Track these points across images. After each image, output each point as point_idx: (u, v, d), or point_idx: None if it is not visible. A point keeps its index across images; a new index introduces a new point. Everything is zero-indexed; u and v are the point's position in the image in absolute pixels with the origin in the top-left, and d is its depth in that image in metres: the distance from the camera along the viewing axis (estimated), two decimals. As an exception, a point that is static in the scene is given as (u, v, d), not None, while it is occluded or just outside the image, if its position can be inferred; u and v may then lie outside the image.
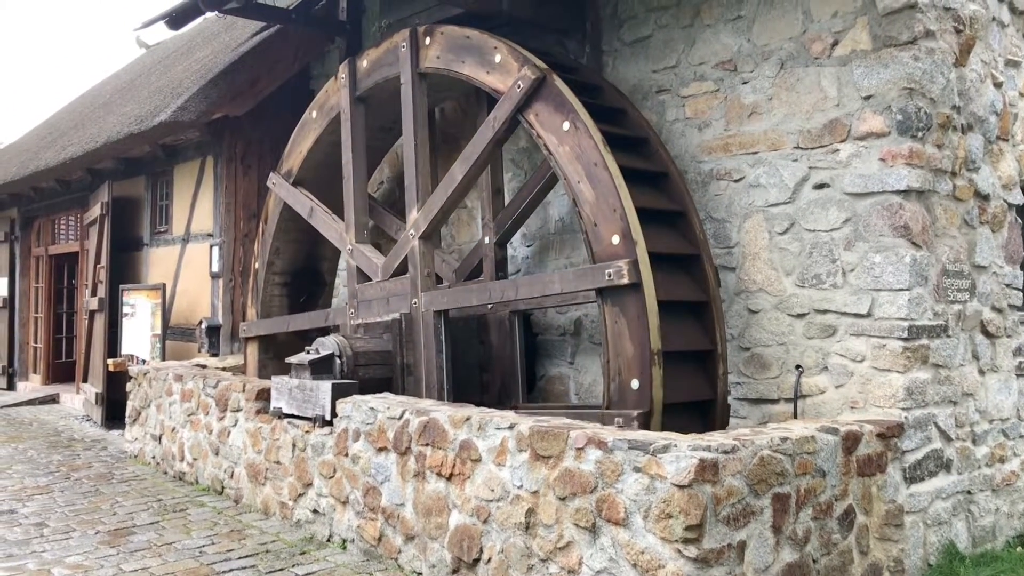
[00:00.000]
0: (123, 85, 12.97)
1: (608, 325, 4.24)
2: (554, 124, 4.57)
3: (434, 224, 5.38)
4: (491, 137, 4.99)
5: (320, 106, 6.32)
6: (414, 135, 5.40)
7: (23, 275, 12.69)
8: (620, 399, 4.15)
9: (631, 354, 4.13)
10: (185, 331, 8.77)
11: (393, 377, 5.30)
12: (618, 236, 4.23)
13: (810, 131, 4.39)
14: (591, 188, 4.37)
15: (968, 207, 4.47)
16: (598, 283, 4.27)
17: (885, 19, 4.12)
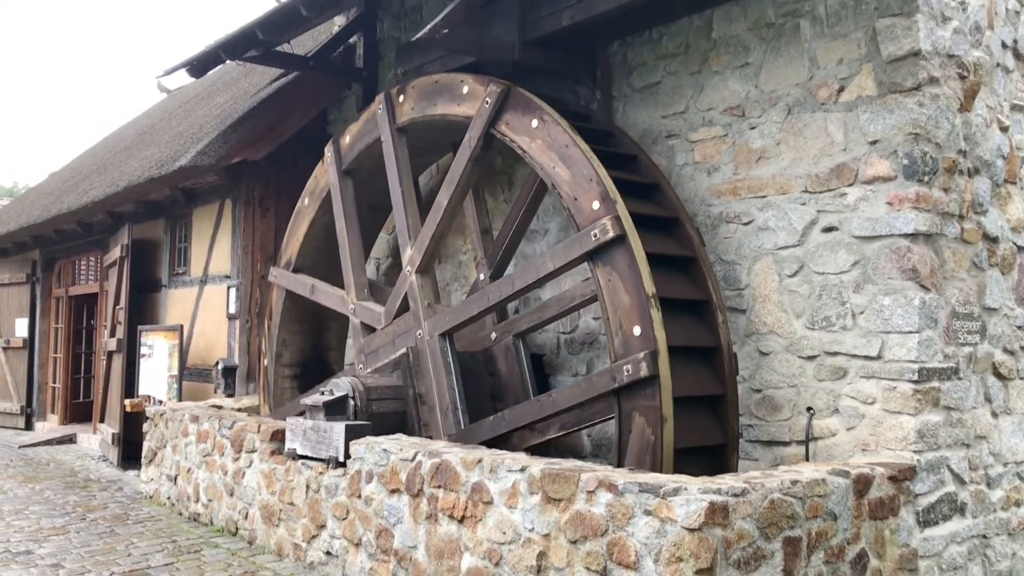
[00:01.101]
0: (144, 129, 13.23)
1: (603, 285, 4.40)
2: (524, 125, 4.90)
3: (428, 255, 5.56)
4: (469, 156, 5.24)
5: (311, 192, 6.60)
6: (399, 182, 5.71)
7: (43, 316, 12.86)
8: (625, 350, 4.23)
9: (628, 304, 4.27)
10: (202, 372, 8.85)
11: (407, 411, 5.36)
12: (598, 201, 4.45)
13: (818, 175, 4.45)
14: (566, 168, 4.65)
15: (977, 250, 4.49)
16: (586, 247, 4.45)
17: (890, 66, 4.20)
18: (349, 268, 6.08)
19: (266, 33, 6.26)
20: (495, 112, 5.04)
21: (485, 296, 5.14)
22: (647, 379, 4.10)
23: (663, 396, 4.09)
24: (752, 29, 4.77)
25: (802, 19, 4.55)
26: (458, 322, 5.28)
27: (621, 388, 4.22)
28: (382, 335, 5.71)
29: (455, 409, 5.12)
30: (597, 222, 4.40)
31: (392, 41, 7.38)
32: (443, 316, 5.35)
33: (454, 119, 5.36)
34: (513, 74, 5.37)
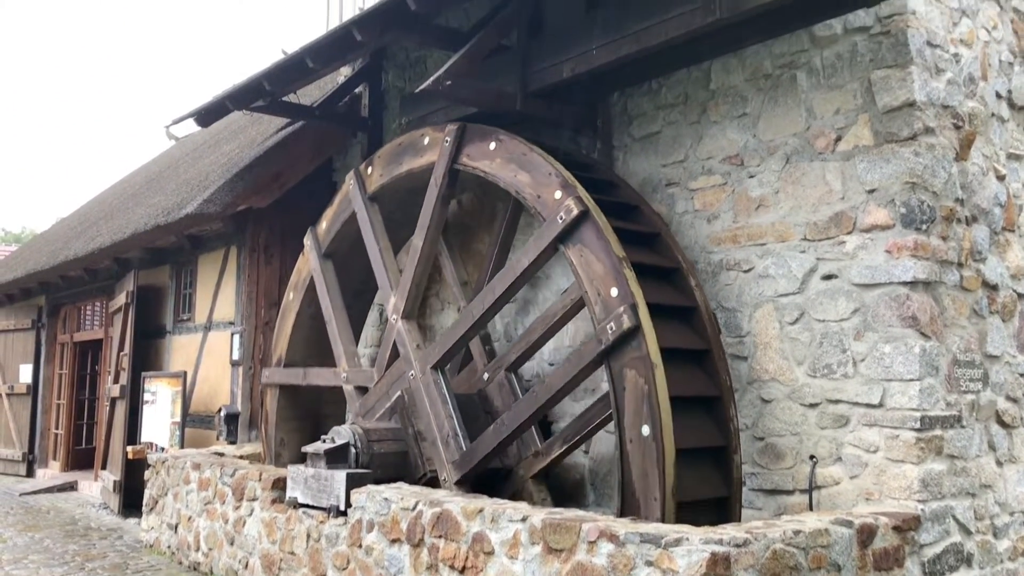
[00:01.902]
0: (152, 176, 13.39)
1: (576, 263, 4.53)
2: (483, 151, 5.18)
3: (411, 299, 5.69)
4: (437, 195, 5.49)
5: (294, 285, 6.76)
6: (376, 242, 5.99)
7: (48, 362, 12.88)
8: (606, 312, 4.31)
9: (602, 271, 4.42)
10: (204, 418, 8.83)
11: (408, 451, 5.35)
12: (559, 191, 4.64)
13: (816, 223, 4.49)
14: (526, 172, 4.87)
15: (977, 297, 4.51)
16: (554, 231, 4.61)
17: (885, 116, 4.26)
18: (338, 339, 6.19)
19: (273, 84, 6.36)
20: (455, 149, 5.33)
21: (469, 313, 5.21)
22: (631, 331, 4.20)
23: (649, 345, 4.15)
24: (749, 80, 4.85)
25: (798, 70, 4.62)
26: (446, 349, 5.34)
27: (609, 349, 4.30)
28: (376, 391, 5.74)
29: (455, 436, 5.13)
30: (561, 206, 4.57)
31: (397, 91, 7.50)
32: (431, 349, 5.43)
33: (420, 171, 5.67)
34: (515, 124, 5.45)
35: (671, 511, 4.00)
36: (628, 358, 4.22)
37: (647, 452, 4.06)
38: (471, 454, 4.96)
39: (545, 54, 5.25)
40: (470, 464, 4.94)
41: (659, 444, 4.02)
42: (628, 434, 4.15)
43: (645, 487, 4.05)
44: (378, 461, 5.20)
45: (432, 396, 5.29)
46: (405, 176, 5.81)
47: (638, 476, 4.08)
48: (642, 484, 4.07)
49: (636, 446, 4.11)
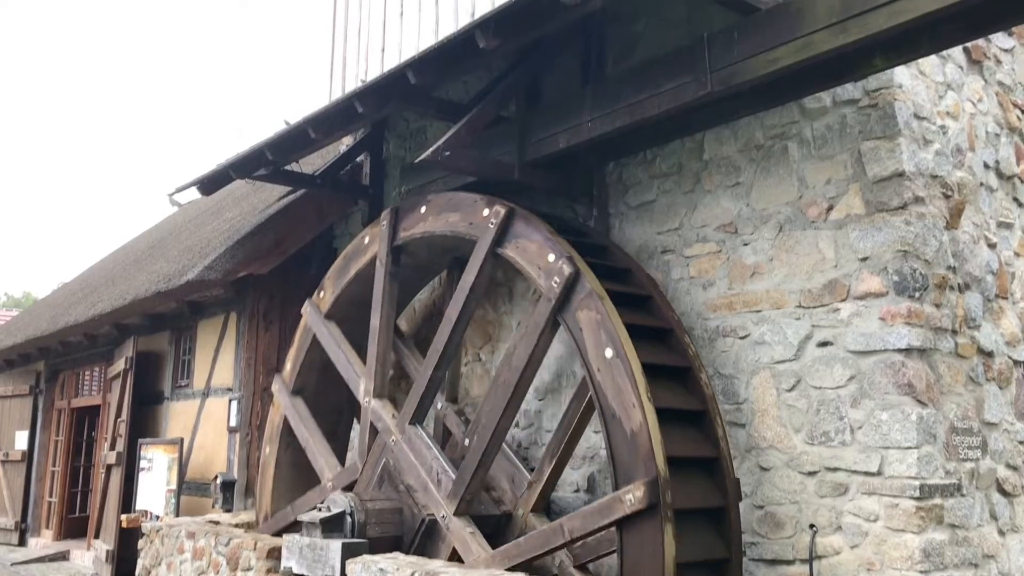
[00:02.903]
0: (154, 243, 13.51)
1: (514, 255, 4.85)
2: (416, 216, 5.73)
3: (380, 377, 5.82)
4: (384, 274, 5.87)
5: (269, 438, 6.84)
6: (340, 350, 6.22)
7: (44, 428, 12.80)
8: (547, 278, 4.67)
9: (535, 248, 4.82)
10: (200, 486, 8.74)
11: (402, 507, 5.36)
12: (486, 208, 5.13)
13: (811, 290, 4.53)
14: (456, 212, 5.39)
15: (972, 364, 4.52)
16: (488, 239, 5.00)
17: (876, 186, 4.34)
18: (318, 457, 6.18)
19: (275, 153, 6.47)
20: (392, 229, 5.88)
21: (428, 362, 5.43)
22: (572, 277, 4.50)
23: (591, 283, 4.44)
24: (742, 150, 4.95)
25: (790, 141, 4.72)
26: (419, 396, 5.44)
27: (558, 305, 4.55)
28: (364, 477, 5.71)
29: (444, 472, 5.14)
30: (488, 218, 5.02)
31: (397, 160, 7.63)
32: (405, 407, 5.54)
33: (366, 268, 6.13)
34: (513, 193, 5.54)
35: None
36: (576, 302, 4.50)
37: (616, 371, 4.26)
38: (461, 476, 4.99)
39: (542, 125, 5.36)
40: (463, 485, 4.96)
41: (625, 363, 4.24)
42: (594, 364, 4.40)
43: (621, 403, 4.26)
44: (374, 518, 5.20)
45: (416, 447, 5.38)
46: (355, 279, 6.23)
47: (613, 395, 4.31)
48: (617, 400, 4.28)
49: (605, 373, 4.34)
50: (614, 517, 4.16)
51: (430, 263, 6.41)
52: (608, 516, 4.20)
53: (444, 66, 5.00)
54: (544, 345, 4.86)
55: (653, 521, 4.01)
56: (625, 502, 4.09)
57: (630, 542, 4.12)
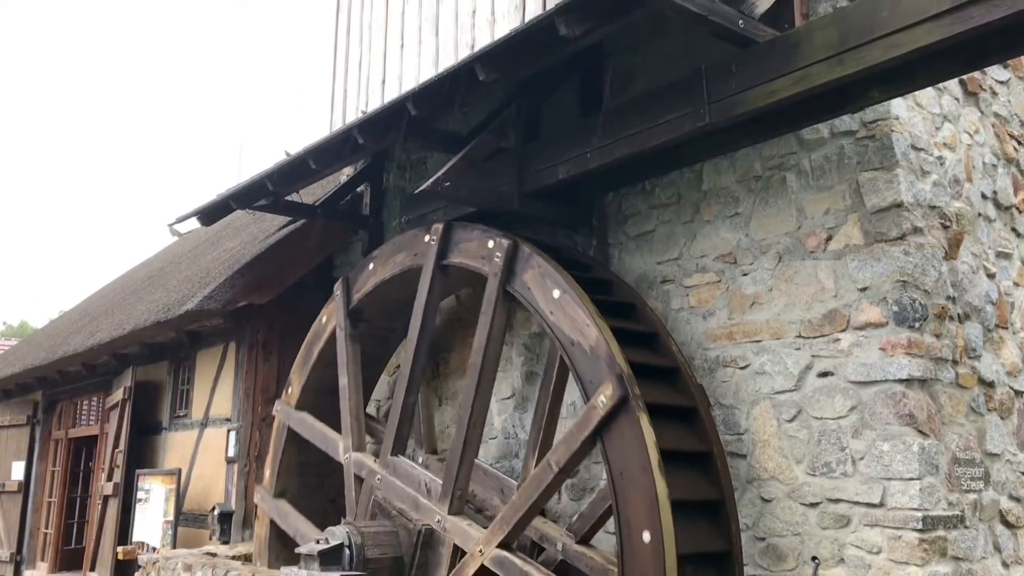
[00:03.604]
0: (154, 272, 13.52)
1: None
2: (365, 273, 6.06)
3: (356, 433, 5.94)
4: (344, 336, 6.12)
5: (259, 553, 6.73)
6: (312, 428, 6.32)
7: (41, 459, 12.72)
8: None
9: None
10: (198, 517, 8.68)
11: (397, 529, 5.35)
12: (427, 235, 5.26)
13: (811, 321, 4.53)
14: (403, 251, 5.75)
15: (974, 394, 4.51)
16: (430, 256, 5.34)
17: (874, 216, 4.35)
18: (301, 535, 6.14)
19: (275, 184, 6.50)
20: (345, 297, 6.20)
21: (403, 379, 5.57)
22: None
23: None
24: (741, 181, 4.97)
25: (788, 172, 4.75)
26: (396, 426, 5.55)
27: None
28: (357, 521, 5.69)
29: (432, 481, 5.23)
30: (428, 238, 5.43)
31: (398, 190, 7.66)
32: (384, 444, 5.64)
33: (328, 343, 6.38)
34: (513, 223, 5.56)
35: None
36: (519, 269, 4.88)
37: (566, 305, 4.57)
38: (448, 473, 5.08)
39: (541, 156, 5.39)
40: (452, 481, 5.02)
41: (574, 297, 4.51)
42: (545, 309, 4.69)
43: (576, 327, 4.49)
44: (371, 540, 5.18)
45: (401, 473, 5.45)
46: (318, 362, 6.45)
47: (568, 327, 4.53)
48: (573, 328, 4.51)
49: (557, 311, 4.64)
50: (592, 425, 4.29)
51: (390, 324, 6.55)
52: (587, 428, 4.33)
53: (444, 98, 5.04)
54: (500, 322, 5.13)
55: (629, 415, 4.18)
56: (598, 406, 4.25)
57: (612, 444, 4.24)
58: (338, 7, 7.86)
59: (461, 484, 5.05)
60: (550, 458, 4.55)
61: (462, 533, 4.89)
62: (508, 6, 5.88)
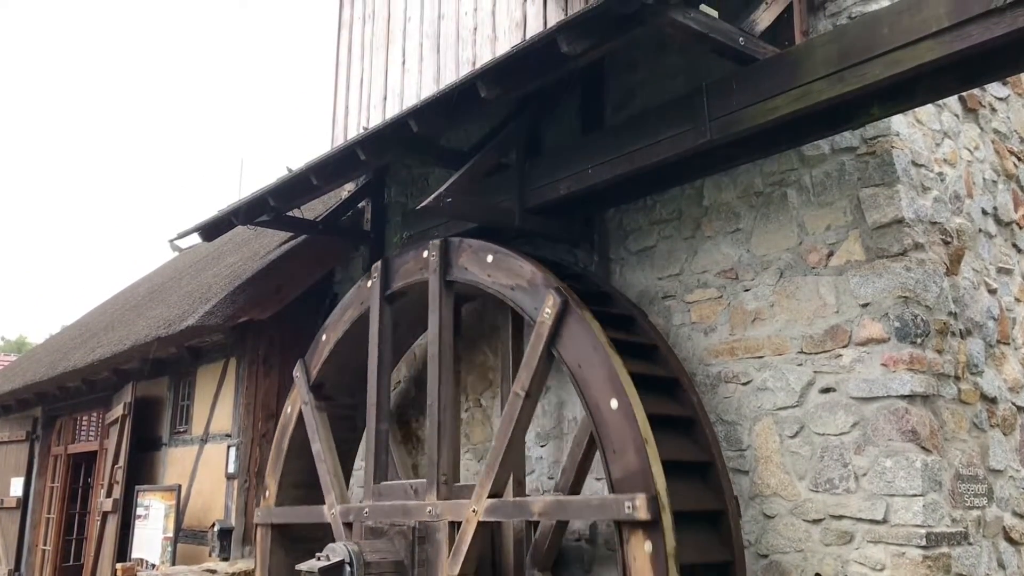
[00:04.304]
0: (155, 288, 13.52)
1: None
2: (318, 342, 6.35)
3: (338, 487, 6.05)
4: (311, 410, 6.29)
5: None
6: (294, 515, 6.38)
7: (40, 475, 12.68)
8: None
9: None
10: (197, 533, 8.64)
11: (393, 538, 5.40)
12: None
13: (812, 336, 4.53)
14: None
15: (976, 410, 4.50)
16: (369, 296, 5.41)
17: (875, 232, 4.36)
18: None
19: (277, 200, 6.51)
20: (306, 383, 6.44)
21: (372, 407, 5.74)
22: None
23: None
24: (741, 197, 4.98)
25: (789, 188, 4.76)
26: (374, 456, 5.70)
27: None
28: None
29: (419, 481, 5.40)
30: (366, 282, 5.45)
31: (399, 206, 7.68)
32: (365, 475, 5.77)
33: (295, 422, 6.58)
34: (514, 239, 5.57)
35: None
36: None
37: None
38: (430, 461, 5.24)
39: (542, 172, 5.41)
40: (434, 467, 5.18)
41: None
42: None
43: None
44: (369, 548, 5.27)
45: (387, 493, 5.55)
46: (290, 451, 6.55)
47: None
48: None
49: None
50: (544, 339, 4.65)
51: (352, 400, 6.65)
52: (540, 343, 4.68)
53: (446, 114, 5.06)
54: (448, 312, 5.50)
55: (573, 316, 4.56)
56: (544, 319, 4.61)
57: (564, 346, 4.61)
58: (340, 24, 7.92)
59: (444, 469, 5.15)
60: (515, 387, 4.77)
61: (453, 509, 5.00)
62: (509, 24, 5.93)
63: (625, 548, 4.11)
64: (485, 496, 4.79)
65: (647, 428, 4.16)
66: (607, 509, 4.24)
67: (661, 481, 4.05)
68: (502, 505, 4.78)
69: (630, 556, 4.07)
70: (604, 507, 4.27)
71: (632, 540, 4.08)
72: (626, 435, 4.19)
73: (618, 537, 4.20)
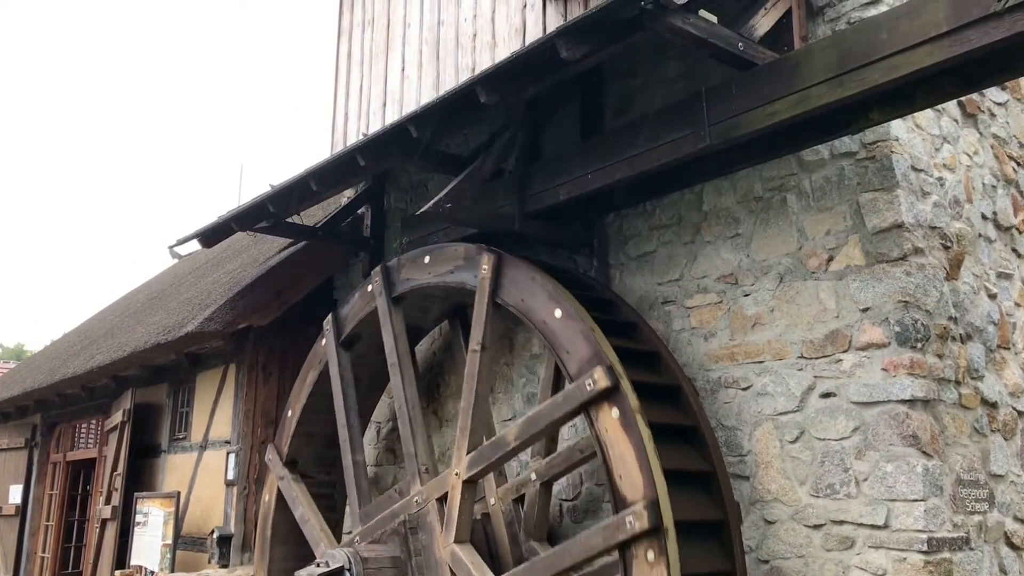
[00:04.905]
0: (154, 294, 13.51)
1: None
2: (283, 423, 6.87)
3: (327, 538, 6.02)
4: (288, 482, 6.39)
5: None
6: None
7: (39, 482, 12.65)
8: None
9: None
10: (196, 540, 8.62)
11: (387, 541, 5.44)
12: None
13: (812, 341, 4.52)
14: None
15: (977, 415, 4.50)
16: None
17: (875, 237, 4.36)
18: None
19: (276, 206, 6.51)
20: (281, 459, 6.47)
21: (345, 442, 5.89)
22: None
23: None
24: (741, 202, 4.98)
25: (788, 193, 4.76)
26: (355, 487, 5.79)
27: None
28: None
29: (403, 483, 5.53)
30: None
31: (399, 212, 7.67)
32: (350, 505, 5.88)
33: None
34: (514, 244, 5.57)
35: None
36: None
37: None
38: (408, 454, 5.41)
39: (542, 178, 5.41)
40: (414, 461, 5.35)
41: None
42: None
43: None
44: (365, 549, 5.30)
45: (374, 512, 5.61)
46: (274, 539, 6.51)
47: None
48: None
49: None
50: (487, 294, 4.93)
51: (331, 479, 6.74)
52: (484, 295, 4.94)
53: (445, 120, 5.06)
54: (399, 323, 5.85)
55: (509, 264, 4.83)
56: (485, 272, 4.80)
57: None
58: (339, 31, 7.93)
59: (423, 460, 5.36)
60: (471, 345, 5.15)
61: (438, 484, 5.11)
62: (509, 30, 5.94)
63: (596, 427, 4.33)
64: (464, 456, 4.93)
65: (593, 324, 4.53)
66: (571, 399, 4.43)
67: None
68: (479, 454, 4.88)
69: (600, 428, 4.30)
70: (569, 398, 4.45)
71: (600, 416, 4.31)
72: (574, 332, 4.50)
73: (589, 422, 4.39)
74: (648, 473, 4.03)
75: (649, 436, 4.11)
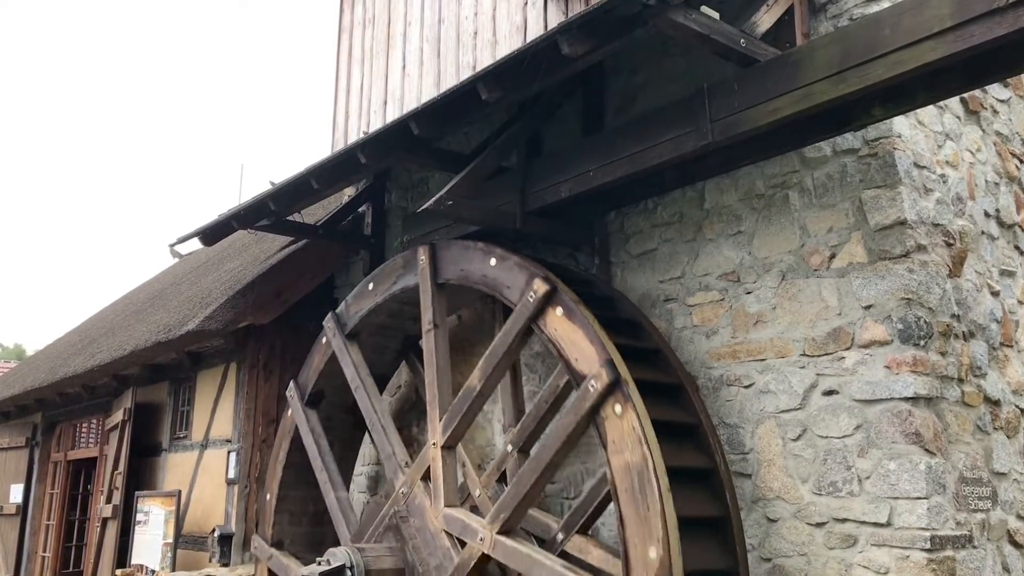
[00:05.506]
0: (155, 293, 13.50)
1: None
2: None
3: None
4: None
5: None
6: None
7: (39, 481, 12.65)
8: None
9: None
10: (197, 539, 8.61)
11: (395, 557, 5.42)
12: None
13: (815, 339, 4.51)
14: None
15: (980, 413, 4.48)
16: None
17: (878, 234, 4.34)
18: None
19: (277, 204, 6.50)
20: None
21: (324, 478, 6.05)
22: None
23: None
24: (743, 199, 4.97)
25: (790, 190, 4.75)
26: (342, 520, 5.88)
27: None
28: None
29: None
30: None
31: (399, 210, 7.67)
32: (340, 536, 5.88)
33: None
34: (515, 242, 5.56)
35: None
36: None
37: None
38: (386, 456, 5.55)
39: (544, 175, 5.40)
40: (392, 460, 5.46)
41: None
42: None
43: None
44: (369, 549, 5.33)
45: (367, 524, 5.61)
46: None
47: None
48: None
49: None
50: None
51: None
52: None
53: (446, 117, 5.05)
54: (357, 355, 6.09)
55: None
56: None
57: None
58: (340, 29, 7.92)
59: (401, 456, 5.50)
60: (423, 327, 5.43)
61: (419, 466, 5.24)
62: (510, 28, 5.93)
63: (546, 332, 4.60)
64: (438, 424, 5.10)
65: (524, 258, 4.86)
66: (518, 319, 4.73)
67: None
68: (450, 412, 5.07)
69: (549, 330, 4.62)
70: (516, 320, 4.73)
71: (547, 320, 4.60)
72: (509, 267, 4.89)
73: (539, 331, 4.62)
74: (599, 344, 4.30)
75: (594, 319, 4.38)
